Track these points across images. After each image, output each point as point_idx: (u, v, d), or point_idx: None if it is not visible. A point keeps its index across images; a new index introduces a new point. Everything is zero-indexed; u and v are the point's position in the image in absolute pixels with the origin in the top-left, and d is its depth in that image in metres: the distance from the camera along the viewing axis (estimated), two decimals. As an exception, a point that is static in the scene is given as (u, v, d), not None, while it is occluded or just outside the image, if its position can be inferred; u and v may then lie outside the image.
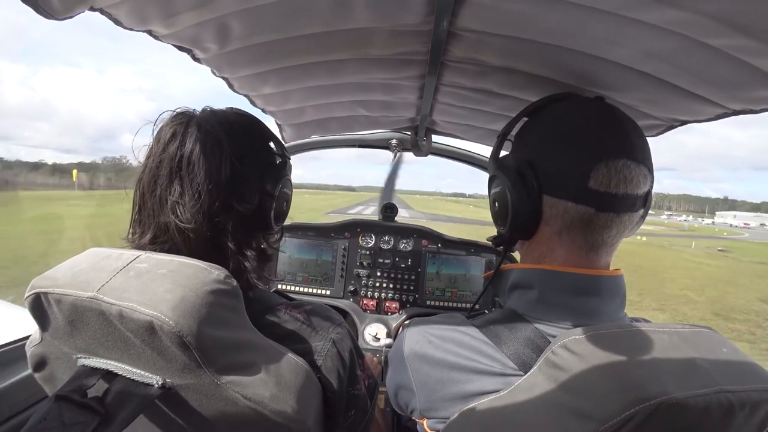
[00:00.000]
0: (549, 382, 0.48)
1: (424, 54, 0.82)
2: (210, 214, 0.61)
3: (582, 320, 0.55)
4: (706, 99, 0.72)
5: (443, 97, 1.07)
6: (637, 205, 0.57)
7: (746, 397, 0.45)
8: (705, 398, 0.43)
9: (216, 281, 0.53)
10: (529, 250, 0.65)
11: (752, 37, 0.52)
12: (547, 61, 0.76)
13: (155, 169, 0.61)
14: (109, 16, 0.63)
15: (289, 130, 1.45)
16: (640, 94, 0.77)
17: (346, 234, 1.84)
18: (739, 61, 0.58)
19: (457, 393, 0.55)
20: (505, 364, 0.54)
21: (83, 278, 0.53)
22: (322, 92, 1.11)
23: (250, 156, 0.65)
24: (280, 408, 0.54)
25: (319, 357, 0.63)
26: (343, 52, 0.85)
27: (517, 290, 0.62)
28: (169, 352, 0.50)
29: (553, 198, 0.58)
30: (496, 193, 0.66)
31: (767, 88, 0.62)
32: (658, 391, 0.42)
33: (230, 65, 0.91)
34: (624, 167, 0.54)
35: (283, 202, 0.73)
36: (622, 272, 0.60)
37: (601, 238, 0.57)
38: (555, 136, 0.59)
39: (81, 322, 0.53)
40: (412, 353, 0.62)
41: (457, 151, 1.84)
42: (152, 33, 0.72)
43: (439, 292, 1.80)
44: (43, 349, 0.59)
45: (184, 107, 0.66)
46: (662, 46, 0.61)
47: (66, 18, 0.55)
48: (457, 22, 0.68)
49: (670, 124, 0.87)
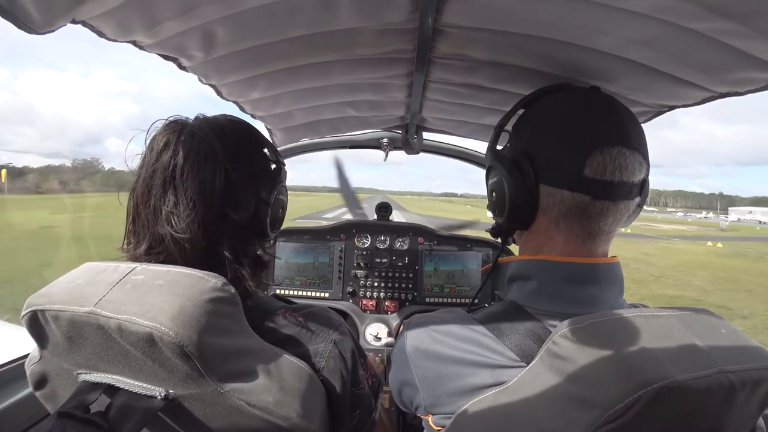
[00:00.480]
0: (551, 372, 0.48)
1: (411, 52, 0.82)
2: (205, 223, 0.60)
3: (582, 309, 0.55)
4: (692, 83, 0.73)
5: (432, 94, 1.07)
6: (633, 193, 0.58)
7: (746, 377, 0.45)
8: (706, 380, 0.43)
9: (214, 289, 0.53)
10: (527, 240, 0.65)
11: (732, 19, 0.52)
12: (534, 54, 0.76)
13: (149, 179, 0.60)
14: (91, 28, 0.62)
15: (280, 135, 1.45)
16: (628, 81, 0.78)
17: (341, 236, 1.84)
18: (721, 44, 0.59)
19: (462, 387, 0.56)
20: (508, 356, 0.55)
21: (79, 293, 0.52)
22: (311, 95, 1.11)
23: (244, 163, 0.65)
24: (285, 413, 0.54)
25: (320, 359, 0.63)
26: (330, 54, 0.85)
27: (516, 282, 0.63)
28: (170, 363, 0.50)
29: (550, 187, 0.58)
30: (493, 184, 0.67)
31: (750, 69, 0.63)
32: (660, 375, 0.42)
33: (217, 72, 0.91)
34: (619, 155, 0.55)
35: (279, 208, 0.72)
36: (618, 259, 0.61)
37: (597, 226, 0.58)
38: (551, 127, 0.60)
39: (80, 337, 0.52)
40: (414, 349, 0.62)
41: (449, 147, 1.84)
42: (137, 43, 0.71)
43: (438, 289, 1.81)
44: (43, 367, 0.59)
45: (176, 115, 0.65)
46: (647, 33, 0.62)
47: (47, 32, 0.54)
48: (441, 19, 0.68)
49: (658, 110, 0.87)
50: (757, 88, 0.67)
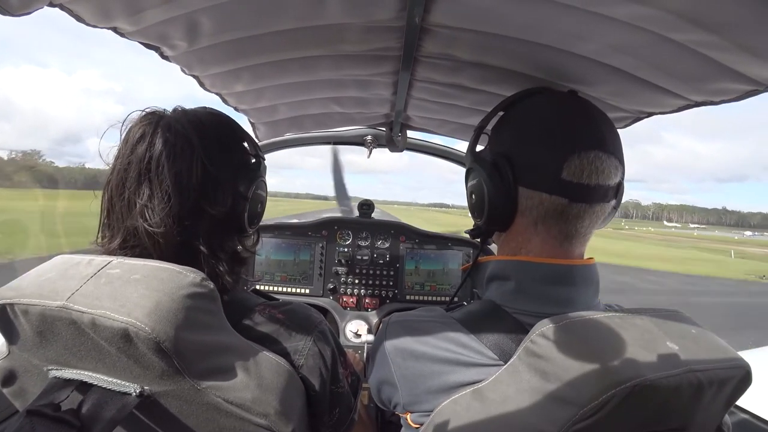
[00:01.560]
0: (529, 370, 0.49)
1: (398, 50, 0.82)
2: (180, 217, 0.59)
3: (558, 309, 0.56)
4: (670, 91, 0.75)
5: (417, 93, 1.08)
6: (609, 196, 0.59)
7: (713, 375, 0.48)
8: (676, 378, 0.45)
9: (192, 285, 0.52)
10: (505, 241, 0.66)
11: (710, 31, 0.54)
12: (519, 56, 0.78)
13: (123, 172, 0.59)
14: (70, 12, 0.60)
15: (263, 129, 1.43)
16: (608, 87, 0.80)
17: (323, 232, 1.83)
18: (700, 54, 0.61)
19: (440, 385, 0.56)
20: (486, 354, 0.56)
21: (51, 287, 0.51)
22: (296, 89, 1.10)
23: (222, 157, 0.64)
24: (263, 410, 0.53)
25: (299, 357, 0.63)
26: (316, 49, 0.84)
27: (495, 281, 0.64)
28: (146, 360, 0.49)
29: (529, 189, 0.59)
30: (473, 186, 0.67)
31: (725, 80, 0.65)
32: (632, 374, 0.44)
33: (200, 63, 0.89)
34: (596, 158, 0.56)
35: (257, 203, 0.71)
36: (595, 261, 0.63)
37: (574, 228, 0.59)
38: (529, 129, 0.61)
39: (51, 332, 0.51)
40: (394, 348, 0.63)
41: (432, 146, 1.85)
42: (117, 30, 0.69)
43: (419, 287, 1.82)
44: (11, 363, 0.57)
45: (153, 107, 0.64)
46: (628, 40, 0.63)
47: (23, 14, 0.52)
48: (429, 18, 0.69)
49: (637, 116, 0.90)
50: (731, 98, 0.70)
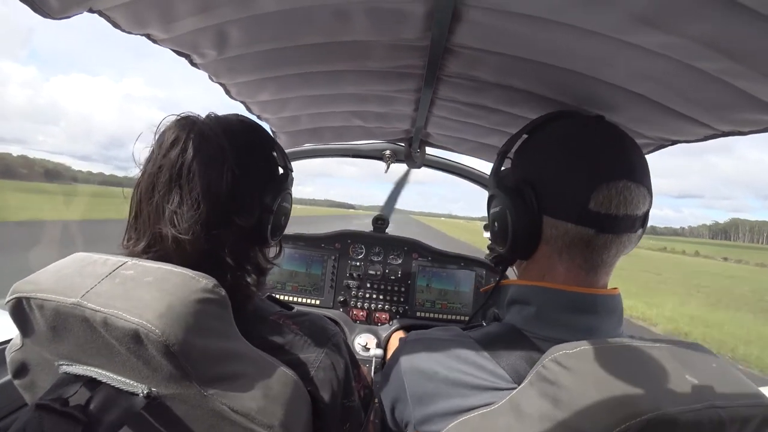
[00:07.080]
0: (539, 396, 0.47)
1: (421, 68, 0.83)
2: (208, 225, 0.59)
3: (580, 337, 0.54)
4: (695, 120, 0.73)
5: (438, 111, 1.08)
6: (636, 226, 0.58)
7: (736, 413, 0.45)
8: (696, 413, 0.43)
9: (204, 290, 0.52)
10: (527, 268, 0.65)
11: (735, 60, 0.53)
12: (542, 80, 0.77)
13: (154, 176, 0.59)
14: (107, 18, 0.63)
15: (284, 138, 1.45)
16: (632, 113, 0.79)
17: (336, 245, 1.83)
18: (725, 83, 0.59)
19: (454, 408, 0.55)
20: (502, 377, 0.54)
21: (67, 283, 0.52)
22: (319, 101, 1.11)
23: (252, 167, 0.64)
24: (268, 421, 0.53)
25: (311, 368, 0.62)
26: (342, 63, 0.86)
27: (515, 305, 0.62)
28: (154, 361, 0.49)
29: (554, 219, 0.58)
30: (495, 213, 0.66)
31: (753, 110, 0.64)
32: (649, 407, 0.42)
33: (228, 71, 0.91)
34: (624, 188, 0.55)
35: (282, 216, 0.71)
36: (619, 291, 0.61)
37: (600, 258, 0.58)
38: (555, 156, 0.60)
39: (64, 328, 0.51)
40: (410, 366, 0.62)
41: (451, 163, 1.85)
42: (150, 36, 0.72)
43: (429, 304, 1.79)
44: (24, 355, 0.58)
45: (188, 112, 0.64)
46: (653, 67, 0.62)
47: (63, 17, 0.55)
48: (453, 39, 0.69)
49: (660, 144, 0.88)
50: (760, 129, 0.68)
